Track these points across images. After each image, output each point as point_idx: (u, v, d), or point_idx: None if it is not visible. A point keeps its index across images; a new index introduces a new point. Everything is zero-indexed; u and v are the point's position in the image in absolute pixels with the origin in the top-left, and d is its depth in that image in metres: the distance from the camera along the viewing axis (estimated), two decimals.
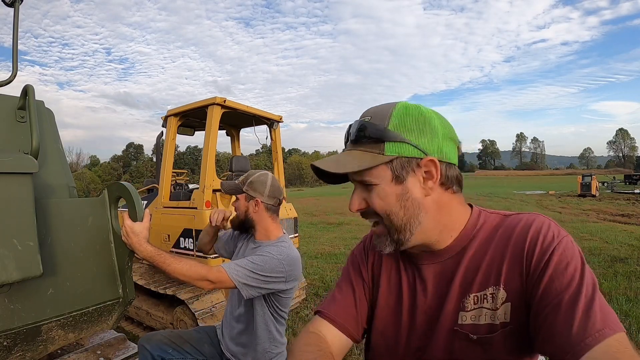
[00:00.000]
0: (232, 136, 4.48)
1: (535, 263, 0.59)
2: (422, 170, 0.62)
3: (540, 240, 0.60)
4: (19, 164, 0.98)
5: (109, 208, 1.31)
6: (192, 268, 1.30)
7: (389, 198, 0.62)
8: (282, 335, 1.59)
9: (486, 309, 0.62)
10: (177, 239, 3.25)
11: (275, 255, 1.43)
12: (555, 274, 0.57)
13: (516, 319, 0.61)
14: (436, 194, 0.64)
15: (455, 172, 0.65)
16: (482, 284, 0.63)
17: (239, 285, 1.35)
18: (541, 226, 0.62)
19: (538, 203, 16.42)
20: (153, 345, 1.52)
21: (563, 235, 0.61)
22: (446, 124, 0.65)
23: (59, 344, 1.20)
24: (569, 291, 0.55)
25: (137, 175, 62.49)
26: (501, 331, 0.61)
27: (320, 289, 4.55)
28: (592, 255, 5.79)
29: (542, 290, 0.57)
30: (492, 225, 0.67)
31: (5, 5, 1.44)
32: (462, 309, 0.63)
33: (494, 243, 0.64)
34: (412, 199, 0.62)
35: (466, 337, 0.63)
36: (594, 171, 57.08)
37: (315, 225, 11.18)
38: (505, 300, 0.61)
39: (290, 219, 3.79)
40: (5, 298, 1.01)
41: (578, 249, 0.60)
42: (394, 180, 0.62)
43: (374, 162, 0.61)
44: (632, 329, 3.05)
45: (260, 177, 1.59)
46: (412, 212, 0.63)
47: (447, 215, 0.66)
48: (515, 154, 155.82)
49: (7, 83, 1.46)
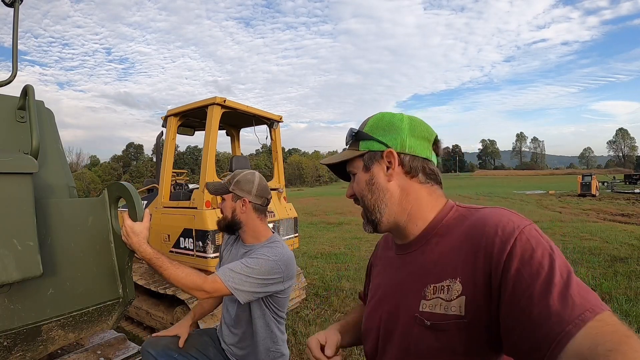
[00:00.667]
0: (232, 136, 4.48)
1: (496, 257, 0.58)
2: (385, 160, 0.74)
3: (499, 233, 0.59)
4: (19, 164, 0.98)
5: (109, 208, 1.31)
6: (189, 276, 1.27)
7: (361, 184, 0.77)
8: (283, 333, 1.58)
9: (442, 300, 0.64)
10: (177, 239, 3.25)
11: (271, 257, 1.41)
12: (522, 265, 0.55)
13: (471, 313, 0.60)
14: (400, 180, 0.74)
15: (420, 163, 0.74)
16: (440, 275, 0.66)
17: (234, 292, 1.32)
18: (499, 219, 0.62)
19: (538, 203, 16.42)
20: (159, 350, 1.50)
21: (524, 224, 0.60)
22: (417, 126, 0.75)
23: (59, 344, 1.20)
24: (539, 280, 0.52)
25: (137, 175, 62.46)
26: (454, 322, 0.62)
27: (320, 289, 4.55)
28: (592, 255, 5.80)
29: (511, 285, 0.55)
30: (457, 218, 0.70)
31: (5, 5, 1.44)
32: (424, 297, 0.68)
33: (454, 236, 0.67)
34: (377, 183, 0.75)
35: (422, 322, 0.66)
36: (594, 171, 57.12)
37: (315, 225, 11.18)
38: (460, 294, 0.62)
39: (290, 218, 3.79)
40: (5, 298, 1.01)
41: (544, 237, 0.59)
42: (364, 169, 0.77)
43: (350, 155, 0.78)
44: (632, 329, 3.05)
45: (247, 176, 1.55)
46: (378, 194, 0.75)
47: (414, 202, 0.74)
48: (515, 154, 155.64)
49: (7, 83, 1.46)
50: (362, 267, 5.60)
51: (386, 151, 0.74)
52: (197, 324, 2.85)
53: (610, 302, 3.71)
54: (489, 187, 35.52)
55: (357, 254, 6.67)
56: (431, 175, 0.75)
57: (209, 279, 1.31)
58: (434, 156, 0.76)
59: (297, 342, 3.09)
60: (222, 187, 1.56)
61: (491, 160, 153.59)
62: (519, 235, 0.58)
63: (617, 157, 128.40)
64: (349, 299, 4.17)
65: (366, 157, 0.76)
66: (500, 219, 0.62)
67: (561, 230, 8.33)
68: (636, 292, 3.97)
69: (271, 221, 3.50)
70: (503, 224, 0.60)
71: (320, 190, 46.03)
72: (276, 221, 3.57)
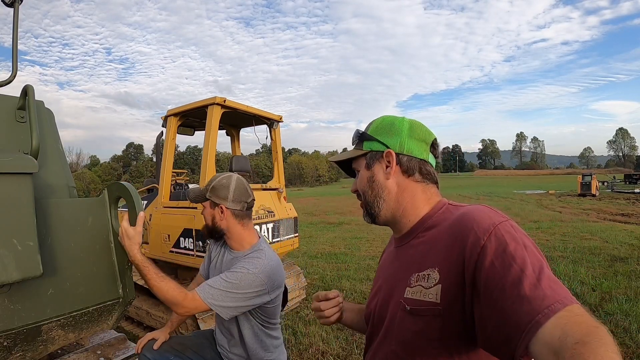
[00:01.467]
0: (232, 136, 4.48)
1: (470, 250, 0.61)
2: (385, 159, 0.81)
3: (475, 227, 0.63)
4: (19, 164, 0.98)
5: (109, 208, 1.31)
6: (170, 291, 1.25)
7: (363, 180, 0.84)
8: (276, 337, 1.55)
9: (422, 287, 0.69)
10: (177, 238, 3.25)
11: (251, 270, 1.36)
12: (495, 258, 0.57)
13: (445, 301, 0.64)
14: (397, 178, 0.80)
15: (417, 164, 0.79)
16: (423, 264, 0.71)
17: (214, 308, 1.30)
18: (478, 214, 0.65)
19: (538, 202, 16.42)
20: (155, 353, 1.49)
21: (500, 220, 0.62)
22: (416, 129, 0.81)
23: (59, 344, 1.20)
24: (511, 273, 0.54)
25: (137, 175, 62.47)
26: (430, 308, 0.66)
27: (320, 289, 4.55)
28: (592, 254, 5.80)
29: (484, 278, 0.57)
30: (445, 214, 0.76)
31: (5, 5, 1.44)
32: (408, 285, 0.73)
33: (440, 230, 0.73)
34: (377, 181, 0.81)
35: (404, 307, 0.72)
36: (594, 171, 56.99)
37: (315, 225, 11.18)
38: (437, 282, 0.66)
39: (290, 218, 3.79)
40: (5, 298, 1.01)
41: (519, 232, 0.61)
42: (366, 167, 0.84)
43: (354, 154, 0.86)
44: (632, 328, 3.05)
45: (222, 180, 1.48)
46: (377, 191, 0.81)
47: (409, 198, 0.80)
48: (515, 154, 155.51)
49: (7, 83, 1.46)
50: (362, 267, 5.60)
51: (386, 151, 0.80)
52: (197, 322, 2.85)
53: (610, 302, 3.71)
54: (489, 187, 35.52)
55: (357, 253, 6.67)
56: (427, 175, 0.80)
57: (189, 296, 1.29)
58: (432, 157, 0.82)
59: (297, 342, 3.09)
60: (199, 194, 1.51)
61: (491, 160, 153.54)
62: (494, 230, 0.60)
63: (617, 157, 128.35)
64: (349, 298, 4.17)
65: (368, 156, 0.83)
66: (479, 215, 0.65)
67: (561, 230, 8.33)
68: (636, 292, 3.96)
69: (271, 221, 3.50)
70: (480, 220, 0.64)
71: (320, 190, 46.04)
72: (276, 221, 3.57)
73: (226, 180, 1.49)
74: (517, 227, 0.63)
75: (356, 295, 4.26)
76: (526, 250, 0.57)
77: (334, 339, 3.10)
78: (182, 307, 1.27)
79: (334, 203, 19.96)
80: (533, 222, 9.93)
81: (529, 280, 0.53)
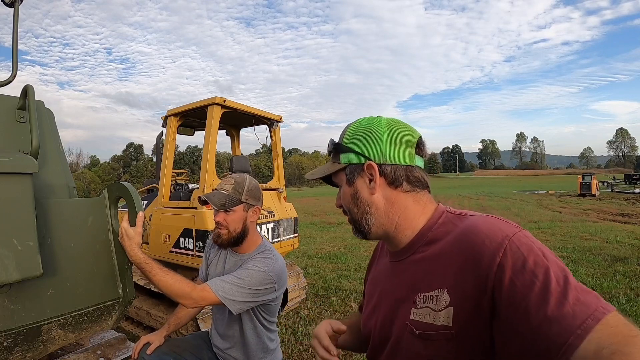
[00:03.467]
0: (232, 136, 4.48)
1: (486, 269, 0.55)
2: (367, 173, 0.72)
3: (487, 243, 0.57)
4: (19, 164, 0.98)
5: (109, 208, 1.31)
6: (177, 284, 1.25)
7: (346, 197, 0.76)
8: (272, 340, 1.56)
9: (430, 309, 0.64)
10: (177, 238, 3.25)
11: (262, 268, 1.38)
12: (514, 275, 0.52)
13: (459, 325, 0.59)
14: (384, 192, 0.72)
15: (403, 172, 0.71)
16: (430, 284, 0.65)
17: (225, 302, 1.30)
18: (488, 227, 0.60)
19: (538, 203, 16.41)
20: (152, 356, 1.48)
21: (514, 231, 0.58)
22: (396, 131, 0.72)
23: (59, 344, 1.20)
24: (534, 291, 0.50)
25: (137, 175, 62.48)
26: (442, 333, 0.61)
27: (320, 289, 4.55)
28: (592, 254, 5.80)
29: (505, 298, 0.52)
30: (446, 225, 0.69)
31: (5, 5, 1.44)
32: (414, 305, 0.67)
33: (444, 244, 0.66)
34: (361, 197, 0.73)
35: (412, 331, 0.66)
36: (594, 171, 57.01)
37: (315, 225, 11.18)
38: (448, 305, 0.60)
39: (290, 219, 3.79)
40: (5, 298, 1.01)
41: (536, 242, 0.56)
42: (347, 182, 0.75)
43: (332, 170, 0.77)
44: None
45: (253, 182, 1.48)
46: (363, 208, 0.73)
47: (400, 212, 0.72)
48: (515, 154, 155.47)
49: (7, 83, 1.46)
50: (362, 267, 5.60)
51: (366, 164, 0.71)
52: (197, 322, 2.85)
53: (610, 302, 3.69)
54: (489, 187, 35.51)
55: (357, 254, 6.66)
56: (416, 182, 0.72)
57: (198, 288, 1.29)
58: (419, 159, 0.73)
59: (297, 342, 3.09)
60: (231, 200, 1.42)
61: (491, 160, 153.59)
62: (509, 244, 0.55)
63: (617, 157, 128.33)
64: (349, 299, 4.17)
65: (348, 171, 0.74)
66: (489, 228, 0.59)
67: (561, 230, 8.32)
68: (636, 292, 3.96)
69: (271, 221, 3.50)
70: (492, 233, 0.58)
71: (320, 190, 46.01)
72: (276, 221, 3.57)
73: (255, 181, 1.49)
74: (531, 236, 0.58)
75: (356, 295, 4.26)
76: (547, 262, 0.52)
77: None
78: (191, 299, 1.27)
79: (334, 203, 19.94)
80: (533, 222, 9.93)
81: (554, 297, 0.48)
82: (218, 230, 1.46)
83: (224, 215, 1.43)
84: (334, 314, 3.76)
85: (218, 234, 1.46)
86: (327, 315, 3.72)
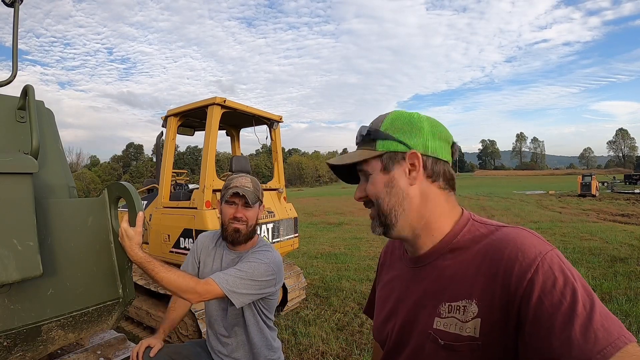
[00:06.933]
0: (232, 136, 4.48)
1: (516, 284, 0.56)
2: (407, 162, 0.69)
3: (520, 258, 0.57)
4: (19, 164, 0.98)
5: (109, 208, 1.31)
6: (181, 279, 1.26)
7: (378, 185, 0.71)
8: (275, 340, 1.57)
9: (457, 320, 0.63)
10: (177, 239, 3.25)
11: (263, 260, 1.43)
12: (543, 294, 0.53)
13: (486, 336, 0.59)
14: (421, 185, 0.70)
15: (442, 167, 0.70)
16: (456, 294, 0.64)
17: (229, 294, 1.31)
18: (522, 242, 0.60)
19: (538, 203, 16.41)
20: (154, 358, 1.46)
21: (547, 250, 0.58)
22: (437, 126, 0.72)
23: (59, 344, 1.20)
24: (560, 310, 0.51)
25: (137, 175, 62.47)
26: (468, 344, 0.61)
27: (320, 289, 4.55)
28: (592, 255, 5.79)
29: (531, 314, 0.54)
30: (474, 236, 0.67)
31: (5, 5, 1.44)
32: (438, 315, 0.66)
33: (471, 254, 0.65)
34: (398, 186, 0.70)
35: (435, 340, 0.65)
36: (594, 171, 57.02)
37: (315, 225, 11.18)
38: (476, 316, 0.60)
39: (290, 219, 3.79)
40: (5, 298, 1.01)
41: (567, 264, 0.57)
42: (383, 170, 0.71)
43: (367, 156, 0.72)
44: (632, 328, 3.05)
45: (257, 180, 1.57)
46: (397, 198, 0.70)
47: (432, 209, 0.70)
48: (515, 154, 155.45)
49: (7, 83, 1.46)
50: (362, 267, 5.60)
51: (409, 153, 0.69)
52: (197, 322, 2.85)
53: (610, 302, 3.71)
54: (489, 187, 35.50)
55: (357, 254, 6.66)
56: (450, 181, 0.71)
57: (202, 282, 1.30)
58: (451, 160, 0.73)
59: (297, 342, 3.09)
60: (255, 196, 1.50)
61: (491, 161, 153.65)
62: (541, 262, 0.56)
63: (617, 157, 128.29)
64: (349, 299, 4.16)
65: (385, 158, 0.71)
66: (523, 242, 0.59)
67: (561, 231, 8.32)
68: (636, 292, 3.96)
69: (271, 221, 3.50)
70: (525, 249, 0.58)
71: (320, 190, 46.00)
72: (276, 221, 3.57)
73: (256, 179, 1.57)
74: (562, 256, 0.59)
75: (356, 295, 4.26)
76: (576, 285, 0.53)
77: (334, 339, 3.09)
78: (196, 293, 1.28)
79: (334, 203, 19.96)
80: (533, 222, 9.93)
81: (580, 320, 0.49)
82: (236, 226, 1.47)
83: (244, 211, 1.47)
84: (334, 314, 3.76)
85: (237, 229, 1.47)
86: (327, 315, 3.72)
